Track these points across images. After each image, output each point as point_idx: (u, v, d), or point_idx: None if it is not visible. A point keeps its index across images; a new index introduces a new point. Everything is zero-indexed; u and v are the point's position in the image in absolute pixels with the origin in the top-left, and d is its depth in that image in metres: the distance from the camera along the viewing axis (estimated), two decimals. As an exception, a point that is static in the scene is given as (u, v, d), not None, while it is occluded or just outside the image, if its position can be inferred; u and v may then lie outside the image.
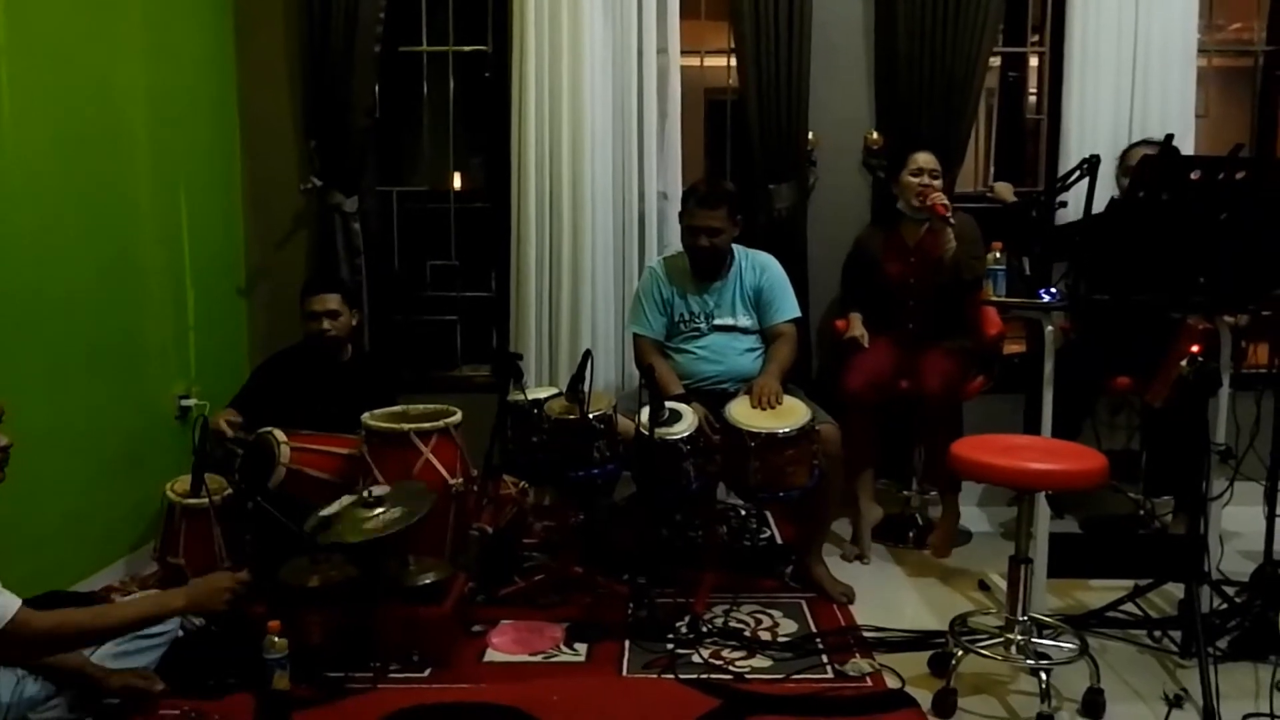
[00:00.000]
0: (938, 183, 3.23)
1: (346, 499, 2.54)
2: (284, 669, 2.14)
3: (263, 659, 2.13)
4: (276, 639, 2.14)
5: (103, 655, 2.08)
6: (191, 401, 3.31)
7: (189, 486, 2.78)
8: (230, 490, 2.85)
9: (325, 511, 2.50)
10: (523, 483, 3.11)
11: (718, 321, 3.05)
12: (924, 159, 3.25)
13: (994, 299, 2.86)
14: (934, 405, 3.12)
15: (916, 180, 3.22)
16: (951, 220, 3.10)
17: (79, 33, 2.76)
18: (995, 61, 3.99)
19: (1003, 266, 2.90)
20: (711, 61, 3.81)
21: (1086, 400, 3.29)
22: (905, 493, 3.49)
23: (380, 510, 2.46)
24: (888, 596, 2.92)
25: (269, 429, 2.86)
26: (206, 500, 2.71)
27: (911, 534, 3.39)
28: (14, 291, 2.49)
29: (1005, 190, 3.44)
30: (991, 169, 4.17)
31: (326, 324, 3.13)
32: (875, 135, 3.62)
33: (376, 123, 3.65)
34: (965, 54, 3.47)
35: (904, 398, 3.24)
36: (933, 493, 3.42)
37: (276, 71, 3.65)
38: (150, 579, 2.88)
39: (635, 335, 3.13)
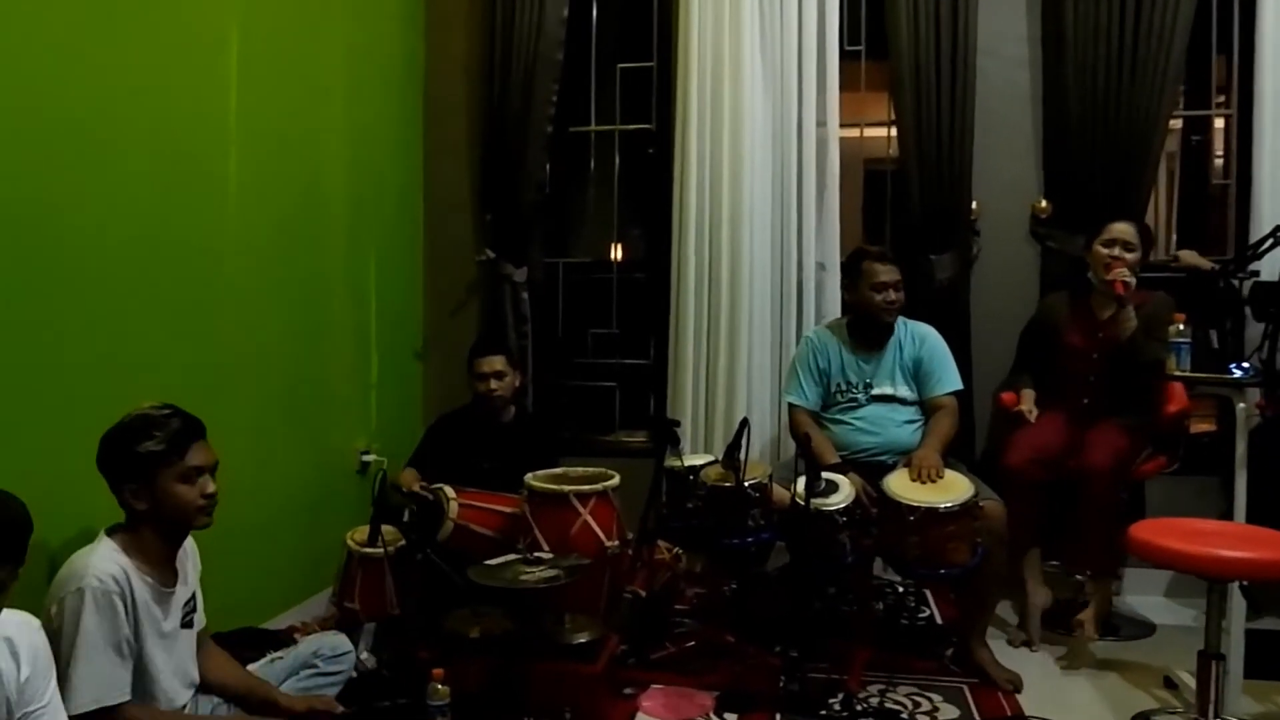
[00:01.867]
0: (1130, 256, 3.04)
1: (510, 555, 2.64)
2: (445, 716, 2.24)
3: (426, 704, 2.24)
4: (440, 686, 2.25)
5: (286, 690, 2.24)
6: (371, 456, 3.53)
7: (367, 536, 2.97)
8: (403, 541, 3.02)
9: (489, 563, 2.62)
10: (676, 548, 3.14)
11: (876, 391, 3.01)
12: (1119, 229, 3.08)
13: (1178, 374, 2.69)
14: (1096, 482, 2.92)
15: (1107, 251, 3.07)
16: (1126, 301, 2.96)
17: (293, 123, 3.08)
18: (1176, 124, 3.81)
19: (1187, 340, 2.73)
20: (871, 131, 3.83)
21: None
22: (1079, 577, 3.26)
23: (539, 568, 2.55)
24: (1059, 687, 2.74)
25: (440, 485, 3.04)
26: (382, 550, 2.89)
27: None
28: (227, 353, 2.76)
29: (1194, 257, 3.24)
30: (1174, 237, 3.95)
31: (494, 384, 3.31)
32: (1044, 204, 3.52)
33: (546, 197, 3.86)
34: (1142, 119, 3.34)
35: (1071, 476, 3.06)
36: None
37: (458, 151, 3.94)
38: (329, 620, 3.05)
39: (790, 405, 3.13)
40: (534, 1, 3.70)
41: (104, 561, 1.87)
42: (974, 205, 3.53)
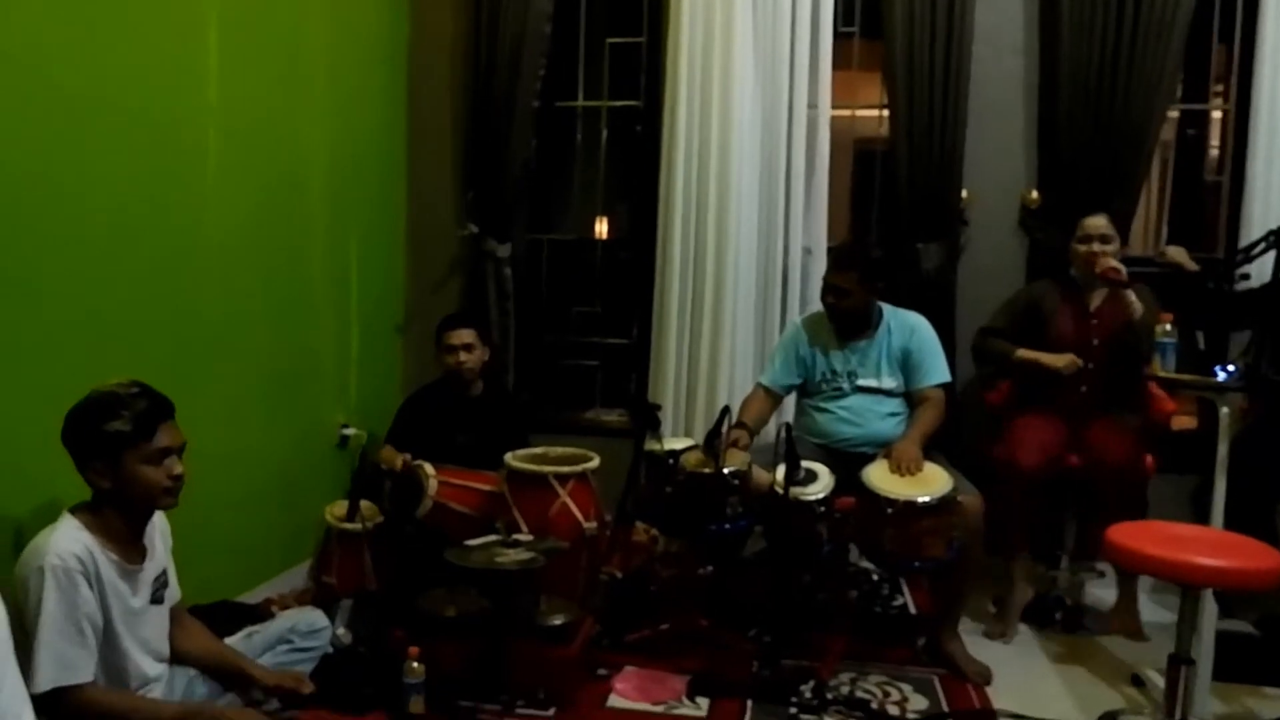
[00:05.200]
0: (1110, 248, 3.08)
1: (489, 537, 2.63)
2: (420, 694, 2.25)
3: (401, 682, 2.25)
4: (415, 664, 2.26)
5: (262, 664, 2.24)
6: (351, 430, 3.51)
7: (346, 512, 2.96)
8: (381, 518, 3.01)
9: (468, 544, 2.61)
10: (653, 530, 3.14)
11: (860, 382, 3.00)
12: (1092, 224, 3.11)
13: (1162, 375, 2.69)
14: (1118, 480, 2.92)
15: (1085, 249, 3.10)
16: (1127, 281, 2.97)
17: (273, 100, 3.02)
18: (1173, 114, 3.78)
19: (1173, 339, 2.73)
20: (864, 111, 3.78)
21: (1271, 491, 2.96)
22: (1053, 572, 3.28)
23: (515, 550, 2.55)
24: (1028, 681, 2.76)
25: (420, 462, 3.03)
26: (360, 527, 2.89)
27: (1058, 615, 3.18)
28: (207, 328, 2.73)
29: (1181, 255, 3.21)
30: (1165, 230, 3.94)
31: (463, 356, 3.28)
32: (1034, 195, 3.50)
33: (531, 173, 3.81)
34: (1137, 112, 3.31)
35: (1069, 473, 3.06)
36: (1084, 574, 3.22)
37: (442, 127, 3.88)
38: (306, 594, 3.05)
39: (758, 383, 3.14)
40: (523, -26, 3.62)
41: (66, 540, 1.85)
42: (964, 195, 3.50)
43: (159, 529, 2.10)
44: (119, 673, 1.96)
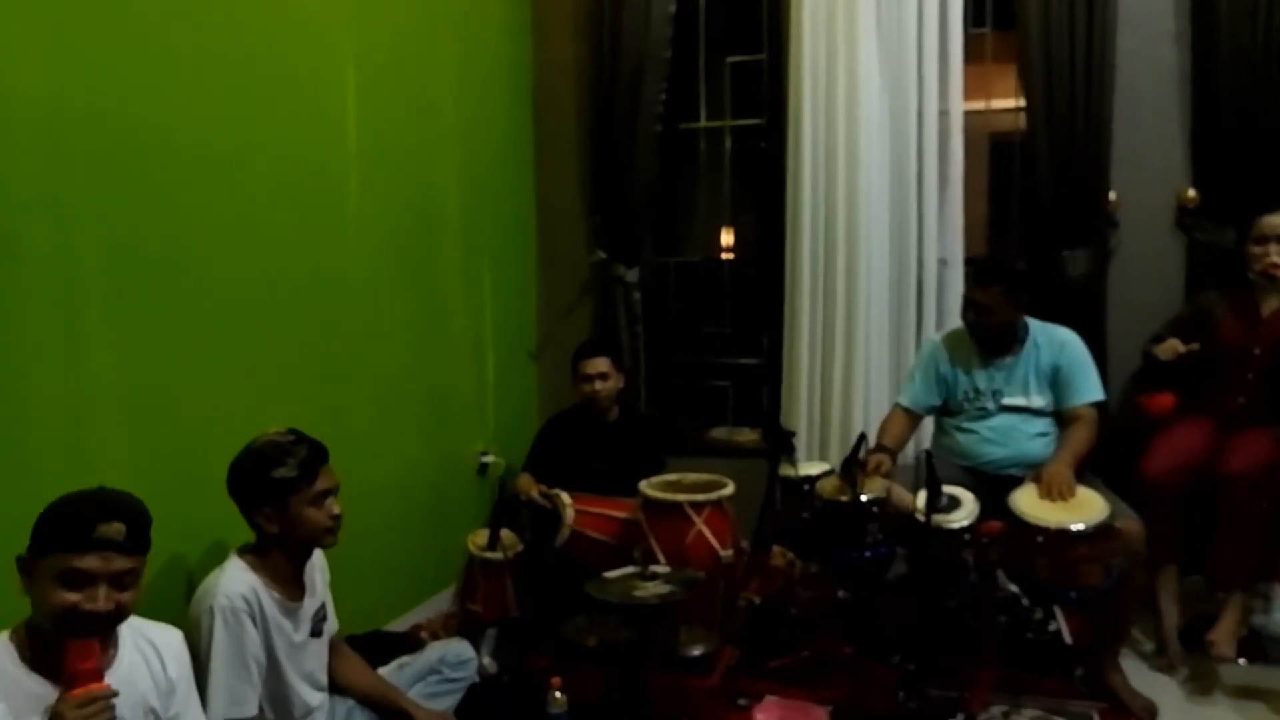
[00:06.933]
0: None
1: (627, 569, 2.66)
2: (563, 724, 2.31)
3: (546, 713, 2.30)
4: (558, 695, 2.31)
5: (414, 695, 2.35)
6: (490, 458, 3.61)
7: (487, 540, 3.06)
8: (522, 547, 3.10)
9: (607, 575, 2.65)
10: (791, 554, 3.10)
11: (1007, 401, 2.86)
12: (1269, 224, 2.87)
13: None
14: (1236, 490, 2.73)
15: (1260, 250, 2.87)
16: None
17: (407, 136, 3.14)
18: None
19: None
20: (998, 102, 3.60)
21: None
22: (1221, 594, 3.05)
23: (653, 583, 2.56)
24: (1200, 716, 2.58)
25: (557, 491, 3.09)
26: (501, 555, 2.97)
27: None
28: (350, 362, 2.86)
29: None
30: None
31: (598, 385, 3.33)
32: (1191, 193, 3.26)
33: (655, 196, 3.81)
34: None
35: (1212, 483, 2.84)
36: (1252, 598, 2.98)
37: (568, 154, 3.95)
38: (452, 620, 3.16)
39: (896, 403, 3.04)
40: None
41: (233, 581, 1.98)
42: (1112, 196, 3.30)
43: (318, 566, 2.22)
44: (284, 703, 2.09)
